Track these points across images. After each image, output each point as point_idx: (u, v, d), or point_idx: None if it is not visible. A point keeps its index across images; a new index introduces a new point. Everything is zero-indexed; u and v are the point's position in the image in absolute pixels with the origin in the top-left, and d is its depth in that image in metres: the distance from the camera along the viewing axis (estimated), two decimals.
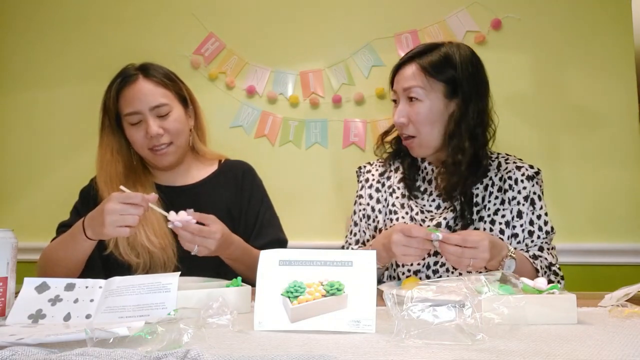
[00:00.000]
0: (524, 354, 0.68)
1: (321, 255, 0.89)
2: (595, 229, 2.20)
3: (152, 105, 1.45)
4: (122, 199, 1.24)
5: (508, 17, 2.30)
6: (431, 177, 1.47)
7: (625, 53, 2.23)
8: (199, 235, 1.26)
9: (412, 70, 1.42)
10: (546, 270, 1.34)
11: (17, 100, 2.55)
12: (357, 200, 1.58)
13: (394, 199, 1.50)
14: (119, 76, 1.50)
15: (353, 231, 1.56)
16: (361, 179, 1.59)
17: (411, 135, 1.43)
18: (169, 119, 1.47)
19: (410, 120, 1.42)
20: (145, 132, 1.45)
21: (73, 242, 1.34)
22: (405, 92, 1.42)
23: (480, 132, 1.42)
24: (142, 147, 1.48)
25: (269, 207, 1.61)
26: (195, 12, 2.46)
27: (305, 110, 2.39)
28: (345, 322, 0.83)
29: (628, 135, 2.22)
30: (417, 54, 1.44)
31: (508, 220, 1.41)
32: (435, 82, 1.41)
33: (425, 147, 1.45)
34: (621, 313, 0.92)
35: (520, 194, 1.43)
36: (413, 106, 1.41)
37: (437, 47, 1.45)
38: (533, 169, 1.47)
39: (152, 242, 1.41)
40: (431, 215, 1.43)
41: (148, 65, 1.51)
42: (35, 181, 2.51)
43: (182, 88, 1.55)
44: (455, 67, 1.41)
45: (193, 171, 1.59)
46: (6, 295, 0.97)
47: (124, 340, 0.71)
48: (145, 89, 1.46)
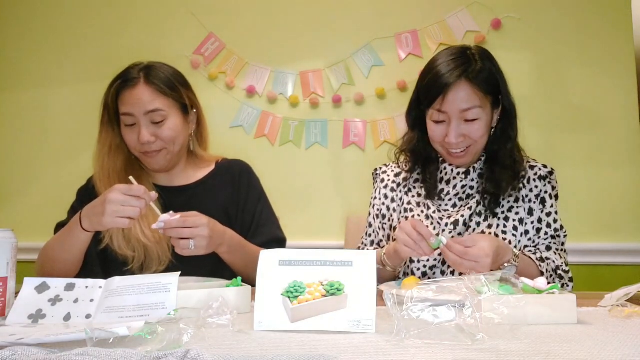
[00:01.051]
0: (524, 354, 0.68)
1: (321, 255, 0.89)
2: (596, 229, 2.20)
3: (146, 110, 1.43)
4: (125, 190, 1.24)
5: (508, 17, 2.30)
6: (450, 178, 1.46)
7: (625, 53, 2.23)
8: (186, 227, 1.25)
9: (466, 90, 1.33)
10: (552, 274, 1.34)
11: (17, 101, 2.55)
12: (372, 202, 1.58)
13: (409, 197, 1.50)
14: (121, 76, 1.48)
15: (368, 232, 1.57)
16: (377, 180, 1.59)
17: (462, 149, 1.39)
18: (163, 126, 1.45)
19: (465, 138, 1.37)
20: (138, 136, 1.44)
21: (69, 236, 1.34)
22: (462, 113, 1.34)
23: (514, 133, 1.44)
24: (135, 149, 1.48)
25: (266, 206, 1.60)
26: (195, 12, 2.46)
27: (305, 110, 2.39)
28: (345, 322, 0.83)
29: (628, 135, 2.22)
30: (462, 69, 1.34)
31: (522, 217, 1.41)
32: (486, 97, 1.36)
33: (474, 157, 1.43)
34: (621, 313, 0.92)
35: (532, 192, 1.44)
36: (471, 125, 1.35)
37: (472, 55, 1.38)
38: (547, 169, 1.48)
39: (147, 235, 1.41)
40: (448, 214, 1.43)
41: (152, 68, 1.48)
42: (35, 181, 2.51)
43: (184, 95, 1.51)
44: (495, 76, 1.39)
45: (190, 172, 1.59)
46: (6, 295, 0.97)
47: (124, 340, 0.71)
48: (143, 94, 1.43)
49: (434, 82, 1.35)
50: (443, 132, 1.37)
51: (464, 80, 1.33)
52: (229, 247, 1.36)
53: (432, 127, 1.40)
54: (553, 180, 1.48)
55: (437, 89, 1.34)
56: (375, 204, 1.56)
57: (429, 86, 1.37)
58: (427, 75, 1.39)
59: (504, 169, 1.41)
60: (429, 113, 1.40)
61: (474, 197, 1.43)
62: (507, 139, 1.43)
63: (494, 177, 1.41)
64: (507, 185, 1.40)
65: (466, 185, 1.45)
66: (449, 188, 1.46)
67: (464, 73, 1.33)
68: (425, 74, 1.40)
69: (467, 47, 1.42)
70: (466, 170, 1.44)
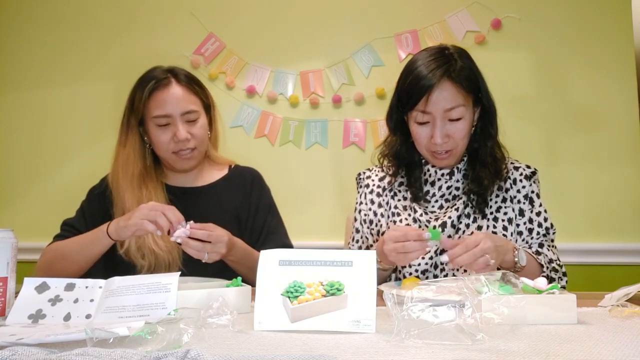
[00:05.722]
0: (524, 354, 0.68)
1: (321, 255, 0.89)
2: (595, 229, 2.20)
3: (183, 111, 1.47)
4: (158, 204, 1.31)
5: (508, 17, 2.30)
6: (434, 179, 1.46)
7: (625, 53, 2.23)
8: (208, 242, 1.27)
9: (449, 89, 1.33)
10: (547, 266, 1.35)
11: (18, 101, 2.55)
12: (357, 207, 1.56)
13: (396, 201, 1.49)
14: (150, 78, 1.49)
15: (355, 238, 1.55)
16: (361, 185, 1.59)
17: (447, 150, 1.38)
18: (197, 125, 1.50)
19: (450, 138, 1.36)
20: (172, 135, 1.47)
21: (90, 239, 1.37)
22: (446, 113, 1.33)
23: (494, 131, 1.43)
24: (167, 150, 1.49)
25: (275, 215, 1.63)
26: (195, 12, 2.46)
27: (305, 110, 2.39)
28: (345, 322, 0.83)
29: (628, 135, 2.22)
30: (444, 68, 1.33)
31: (511, 217, 1.41)
32: (468, 95, 1.36)
33: (457, 157, 1.43)
34: (621, 313, 0.92)
35: (520, 192, 1.44)
36: (455, 125, 1.35)
37: (451, 55, 1.37)
38: (530, 169, 1.48)
39: (159, 244, 1.43)
40: (435, 216, 1.43)
41: (176, 70, 1.53)
42: (36, 181, 2.51)
43: (208, 95, 1.57)
44: (475, 74, 1.39)
45: (204, 174, 1.61)
46: (6, 295, 0.97)
47: (124, 340, 0.71)
48: (178, 93, 1.48)
49: (416, 83, 1.34)
50: (428, 134, 1.37)
51: (447, 80, 1.33)
52: (236, 256, 1.40)
53: (417, 129, 1.39)
54: (537, 179, 1.49)
55: (420, 90, 1.33)
56: (361, 209, 1.54)
57: (411, 88, 1.36)
58: (408, 78, 1.37)
59: (484, 166, 1.41)
60: (412, 115, 1.39)
61: (461, 197, 1.43)
62: (487, 137, 1.42)
63: (475, 175, 1.41)
64: (490, 183, 1.40)
65: (451, 186, 1.45)
66: (434, 189, 1.46)
67: (446, 72, 1.33)
68: (406, 77, 1.39)
69: (444, 46, 1.42)
70: (450, 171, 1.45)
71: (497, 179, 1.42)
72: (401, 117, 1.45)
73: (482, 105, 1.42)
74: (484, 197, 1.41)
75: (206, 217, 1.41)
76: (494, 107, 1.43)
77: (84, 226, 1.47)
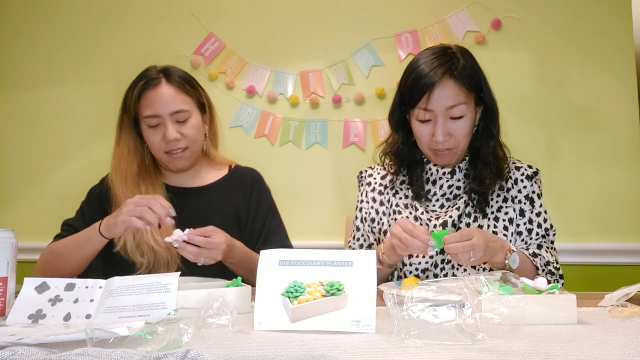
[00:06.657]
0: (524, 354, 0.68)
1: (321, 255, 0.89)
2: (595, 229, 2.20)
3: (172, 111, 1.47)
4: (143, 197, 1.30)
5: (508, 17, 2.30)
6: (435, 178, 1.46)
7: (625, 53, 2.23)
8: (205, 248, 1.27)
9: (451, 87, 1.33)
10: (543, 268, 1.35)
11: (17, 100, 2.55)
12: (358, 205, 1.56)
13: (397, 199, 1.49)
14: (142, 78, 1.50)
15: (356, 236, 1.55)
16: (363, 183, 1.59)
17: (449, 148, 1.38)
18: (187, 125, 1.49)
19: (451, 136, 1.37)
20: (162, 136, 1.47)
21: (84, 237, 1.37)
22: (448, 110, 1.34)
23: (497, 131, 1.43)
24: (159, 150, 1.49)
25: (276, 216, 1.63)
26: (195, 12, 2.46)
27: (305, 110, 2.39)
28: (345, 322, 0.83)
29: (628, 135, 2.22)
30: (446, 67, 1.34)
31: (511, 217, 1.42)
32: (470, 93, 1.37)
33: (459, 156, 1.44)
34: (621, 313, 0.92)
35: (521, 192, 1.44)
36: (456, 123, 1.35)
37: (454, 53, 1.38)
38: (532, 169, 1.48)
39: (158, 242, 1.42)
40: (436, 215, 1.43)
41: (170, 69, 1.52)
42: (35, 181, 2.51)
43: (202, 95, 1.56)
44: (477, 73, 1.39)
45: (203, 174, 1.61)
46: (6, 295, 0.97)
47: (124, 340, 0.71)
48: (167, 93, 1.47)
49: (418, 81, 1.35)
50: (430, 132, 1.37)
51: (449, 78, 1.33)
52: (235, 259, 1.40)
53: (418, 127, 1.39)
54: (538, 179, 1.49)
55: (422, 88, 1.34)
56: (362, 207, 1.54)
57: (413, 85, 1.37)
58: (410, 75, 1.38)
59: (485, 165, 1.41)
60: (414, 113, 1.39)
61: (462, 197, 1.43)
62: (489, 136, 1.43)
63: (477, 174, 1.41)
64: (491, 183, 1.41)
65: (452, 185, 1.45)
66: (436, 188, 1.46)
67: (448, 70, 1.33)
68: (408, 75, 1.40)
69: (447, 46, 1.43)
70: (452, 170, 1.45)
71: (498, 179, 1.43)
72: (403, 116, 1.46)
73: (484, 105, 1.42)
74: (485, 196, 1.41)
75: (205, 217, 1.41)
76: (496, 106, 1.43)
77: (84, 226, 1.47)
